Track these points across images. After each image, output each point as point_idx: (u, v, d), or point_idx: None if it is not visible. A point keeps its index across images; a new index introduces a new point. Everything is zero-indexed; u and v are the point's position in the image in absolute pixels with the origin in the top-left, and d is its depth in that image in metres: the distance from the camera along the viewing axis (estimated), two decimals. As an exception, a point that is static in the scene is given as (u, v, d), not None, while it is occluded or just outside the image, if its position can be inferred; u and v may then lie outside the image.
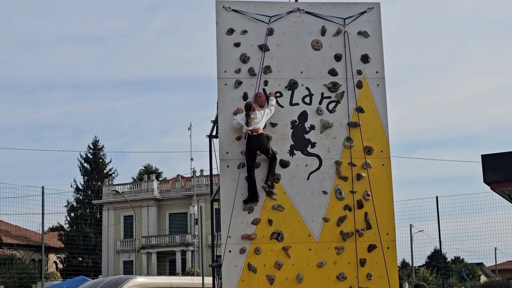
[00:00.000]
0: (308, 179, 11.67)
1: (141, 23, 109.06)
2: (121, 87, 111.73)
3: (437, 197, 36.95)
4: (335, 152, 11.81)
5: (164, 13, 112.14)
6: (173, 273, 62.12)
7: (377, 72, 12.17)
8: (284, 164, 11.64)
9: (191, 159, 54.28)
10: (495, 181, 13.08)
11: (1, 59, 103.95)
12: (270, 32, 12.04)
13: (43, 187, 31.11)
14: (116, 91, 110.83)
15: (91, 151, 73.08)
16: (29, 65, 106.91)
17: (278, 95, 11.90)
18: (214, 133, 13.37)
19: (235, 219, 11.28)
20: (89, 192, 69.92)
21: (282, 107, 11.87)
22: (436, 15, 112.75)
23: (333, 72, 12.07)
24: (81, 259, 65.91)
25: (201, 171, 63.89)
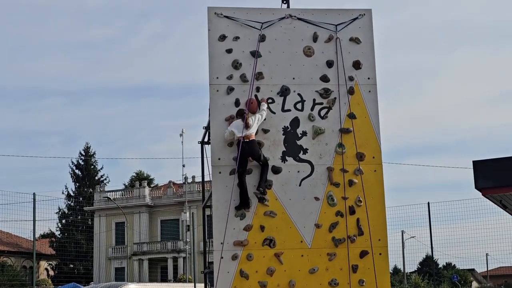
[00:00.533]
0: (300, 185, 11.67)
1: (132, 29, 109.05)
2: (113, 94, 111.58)
3: (428, 203, 37.04)
4: (327, 158, 11.82)
5: (155, 19, 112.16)
6: (164, 279, 61.92)
7: (369, 78, 12.19)
8: (276, 170, 11.64)
9: (183, 166, 54.41)
10: (486, 187, 13.10)
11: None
12: (262, 38, 12.05)
13: (34, 194, 31.04)
14: (107, 98, 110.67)
15: (83, 158, 72.87)
16: (21, 72, 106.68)
17: (270, 101, 11.90)
18: (206, 140, 13.35)
19: (227, 225, 11.26)
20: (81, 198, 69.72)
21: (274, 113, 11.87)
22: (426, 23, 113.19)
23: (325, 78, 12.09)
24: (72, 266, 65.66)
25: (193, 177, 63.81)
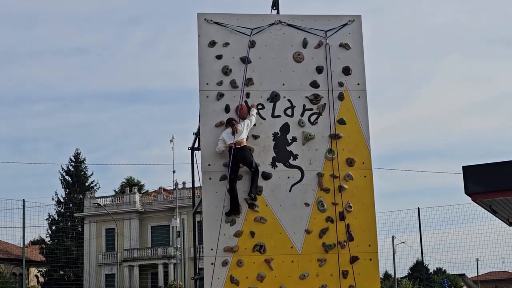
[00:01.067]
0: (290, 191, 11.67)
1: (122, 35, 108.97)
2: (103, 99, 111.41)
3: (418, 209, 37.15)
4: (317, 164, 11.83)
5: (145, 25, 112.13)
6: (155, 286, 61.79)
7: (359, 84, 12.22)
8: (266, 176, 11.64)
9: (173, 172, 54.39)
10: (476, 192, 13.11)
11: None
12: (252, 44, 12.07)
13: (24, 200, 30.97)
14: (97, 104, 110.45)
15: (73, 164, 72.62)
16: (10, 77, 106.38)
17: (260, 107, 11.91)
18: (196, 145, 13.35)
19: (217, 231, 11.25)
20: (71, 205, 69.44)
21: (264, 119, 11.88)
22: (416, 28, 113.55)
23: (314, 84, 12.11)
24: (62, 272, 65.34)
25: (183, 183, 63.70)
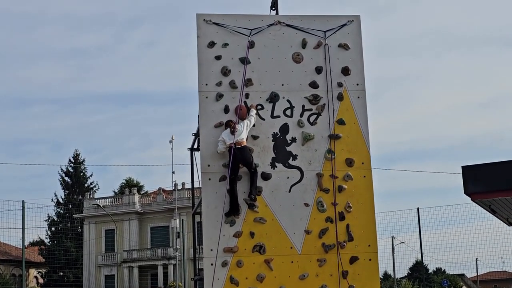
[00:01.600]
0: (289, 191, 11.68)
1: (121, 36, 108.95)
2: (102, 101, 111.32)
3: (418, 209, 37.12)
4: (316, 164, 11.83)
5: (144, 26, 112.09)
6: (155, 287, 61.73)
7: (358, 84, 12.23)
8: (265, 176, 11.64)
9: (173, 172, 54.41)
10: (475, 192, 13.11)
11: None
12: (251, 45, 12.07)
13: (23, 202, 30.95)
14: (96, 105, 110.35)
15: (72, 165, 72.60)
16: (9, 79, 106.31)
17: (259, 107, 11.92)
18: (195, 146, 13.35)
19: (217, 232, 11.25)
20: (70, 206, 69.42)
21: (263, 119, 11.89)
22: (415, 29, 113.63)
23: (314, 84, 12.11)
24: (62, 273, 65.29)
25: (183, 184, 63.69)
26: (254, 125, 11.70)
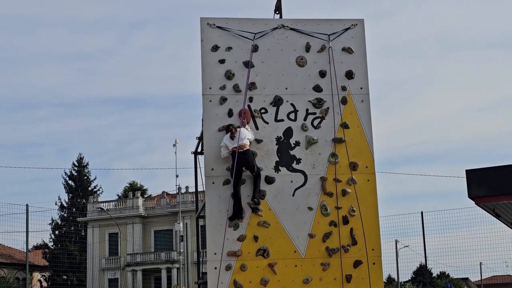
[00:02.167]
0: (293, 195, 11.67)
1: (125, 40, 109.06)
2: (105, 104, 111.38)
3: (422, 213, 37.10)
4: (320, 168, 11.83)
5: (148, 30, 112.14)
6: (158, 290, 61.73)
7: (362, 88, 12.23)
8: (269, 180, 11.64)
9: (176, 176, 54.18)
10: (479, 196, 13.09)
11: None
12: (255, 48, 12.08)
13: (27, 205, 30.98)
14: (100, 108, 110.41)
15: (76, 169, 72.64)
16: (13, 83, 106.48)
17: (263, 111, 11.92)
18: (199, 150, 13.36)
19: (220, 235, 11.25)
20: (74, 209, 69.46)
21: (267, 123, 11.89)
22: (418, 32, 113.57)
23: (317, 88, 12.11)
24: (65, 277, 65.33)
25: (187, 188, 63.69)
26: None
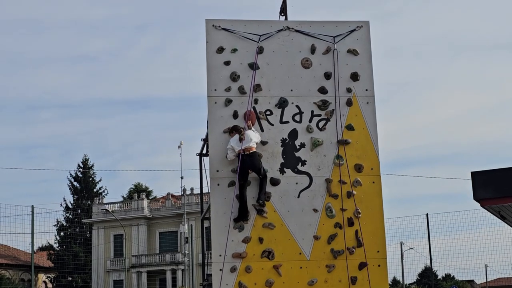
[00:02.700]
0: (298, 197, 11.67)
1: (130, 42, 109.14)
2: (111, 106, 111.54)
3: (427, 215, 37.12)
4: (325, 170, 11.82)
5: (153, 32, 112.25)
6: (163, 292, 61.75)
7: (367, 90, 12.21)
8: (274, 182, 11.63)
9: (181, 178, 54.40)
10: (485, 198, 13.08)
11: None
12: (260, 50, 12.08)
13: (32, 207, 31.05)
14: (105, 110, 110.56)
15: (81, 170, 72.73)
16: (18, 84, 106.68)
17: (268, 113, 11.92)
18: (204, 152, 13.36)
19: (225, 237, 11.25)
20: (79, 211, 69.54)
21: (272, 125, 11.89)
22: (424, 34, 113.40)
23: (323, 90, 12.10)
24: (70, 278, 65.41)
25: (192, 189, 63.74)
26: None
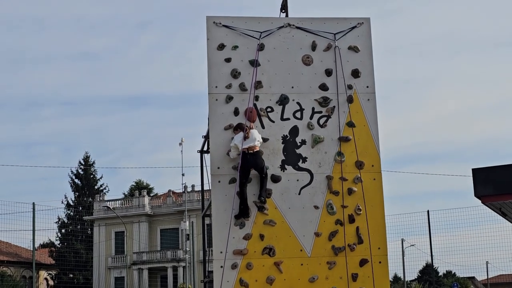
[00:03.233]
0: (299, 194, 11.67)
1: (131, 39, 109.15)
2: (112, 103, 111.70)
3: (428, 211, 37.15)
4: (326, 166, 11.82)
5: (154, 29, 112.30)
6: (164, 289, 61.80)
7: (368, 86, 12.21)
8: (275, 179, 11.63)
9: (182, 175, 54.35)
10: (486, 195, 13.08)
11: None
12: (261, 47, 12.07)
13: (34, 204, 31.08)
14: (106, 107, 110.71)
15: (82, 167, 72.78)
16: (19, 82, 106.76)
17: (269, 110, 11.91)
18: (205, 149, 13.36)
19: (226, 234, 11.25)
20: (80, 208, 69.59)
21: (273, 122, 11.88)
22: (425, 31, 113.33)
23: (323, 87, 12.10)
24: (72, 275, 65.49)
25: (193, 186, 63.78)
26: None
